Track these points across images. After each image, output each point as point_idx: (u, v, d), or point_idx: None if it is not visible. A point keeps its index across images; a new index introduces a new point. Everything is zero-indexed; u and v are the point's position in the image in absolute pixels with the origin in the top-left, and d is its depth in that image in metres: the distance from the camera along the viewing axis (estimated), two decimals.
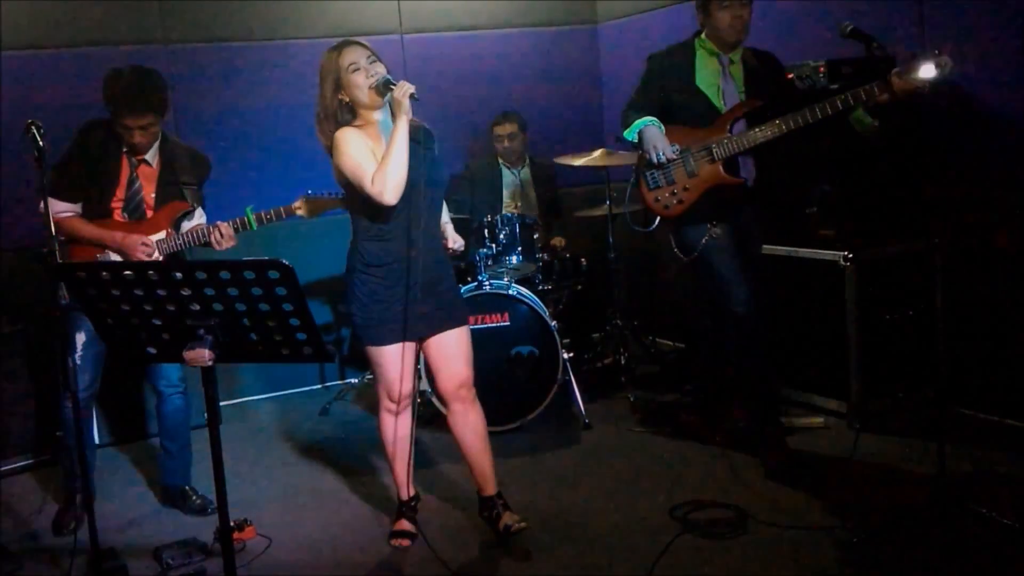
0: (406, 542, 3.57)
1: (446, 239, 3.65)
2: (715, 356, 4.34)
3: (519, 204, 5.58)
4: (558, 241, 5.52)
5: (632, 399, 5.00)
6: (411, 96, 3.16)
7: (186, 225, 3.95)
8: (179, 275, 2.32)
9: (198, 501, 4.07)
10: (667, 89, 3.99)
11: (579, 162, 5.23)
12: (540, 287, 5.06)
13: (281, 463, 4.66)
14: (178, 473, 4.13)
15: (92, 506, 3.34)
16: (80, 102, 5.22)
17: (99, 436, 4.98)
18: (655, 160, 3.88)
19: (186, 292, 2.34)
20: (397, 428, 3.55)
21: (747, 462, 4.04)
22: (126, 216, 3.87)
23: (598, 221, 5.52)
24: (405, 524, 3.62)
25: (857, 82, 3.68)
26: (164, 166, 3.92)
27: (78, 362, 3.86)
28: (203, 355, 2.35)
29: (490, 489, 3.54)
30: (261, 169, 5.70)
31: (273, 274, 2.27)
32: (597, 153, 5.25)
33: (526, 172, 5.70)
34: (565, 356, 4.73)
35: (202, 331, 2.37)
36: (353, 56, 3.32)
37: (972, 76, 4.05)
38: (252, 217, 3.89)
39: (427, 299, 3.37)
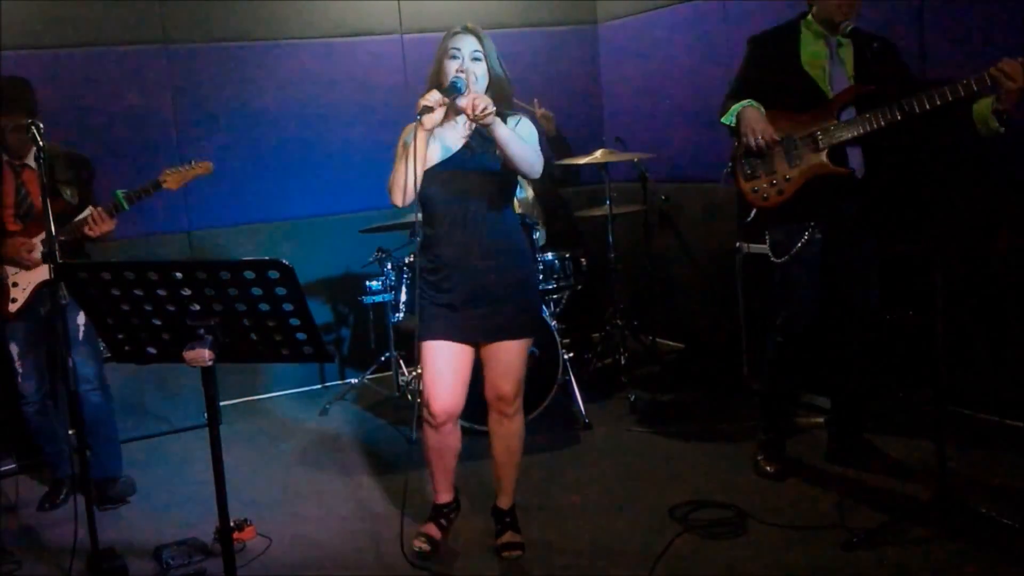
0: (426, 547, 3.42)
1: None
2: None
3: (517, 207, 5.58)
4: (545, 114, 5.54)
5: (632, 399, 5.00)
6: (423, 108, 3.05)
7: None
8: (179, 275, 2.32)
9: (120, 487, 4.18)
10: (769, 70, 3.74)
11: (580, 162, 5.23)
12: (540, 287, 5.06)
13: (281, 463, 4.66)
14: (104, 467, 4.18)
15: (91, 507, 3.34)
16: (80, 102, 5.25)
17: None
18: (752, 145, 3.64)
19: (186, 292, 2.34)
20: (440, 442, 3.40)
21: (747, 462, 4.03)
22: (19, 221, 3.99)
23: (598, 221, 5.52)
24: (431, 527, 3.50)
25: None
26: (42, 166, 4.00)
27: (19, 370, 4.09)
28: (203, 355, 2.35)
29: (503, 502, 3.51)
30: (260, 170, 5.70)
31: (273, 274, 2.27)
32: (598, 153, 5.26)
33: None
34: (565, 356, 4.73)
35: (202, 331, 2.37)
36: (459, 43, 3.20)
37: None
38: (122, 197, 3.94)
39: (476, 308, 3.25)
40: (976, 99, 3.37)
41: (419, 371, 3.44)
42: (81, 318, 4.02)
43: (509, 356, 3.34)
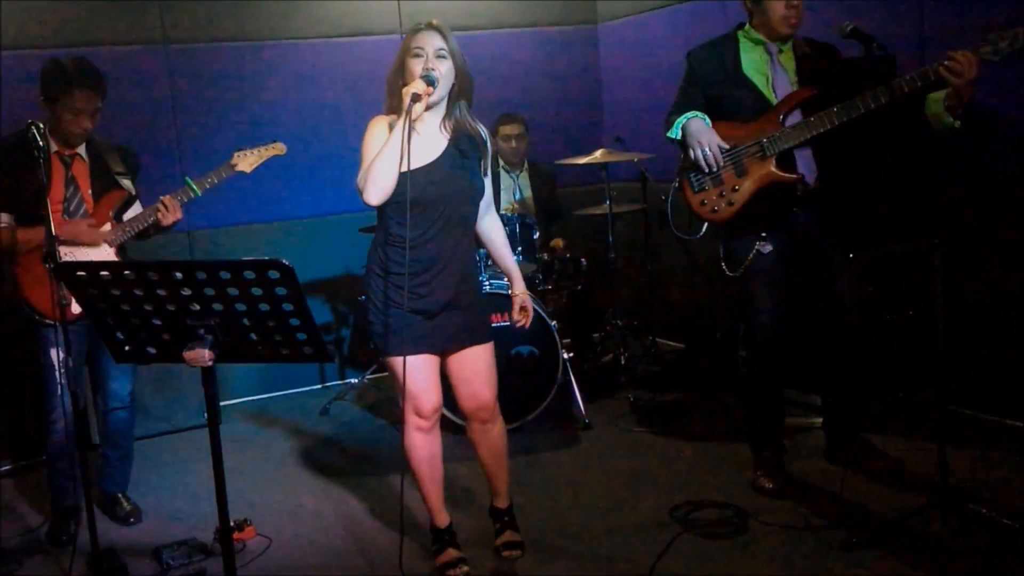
0: (466, 568, 3.33)
1: (513, 294, 3.40)
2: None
3: (516, 208, 5.57)
4: (557, 243, 5.51)
5: (632, 399, 5.00)
6: (412, 96, 2.99)
7: (128, 215, 3.89)
8: (179, 275, 2.32)
9: (128, 508, 4.06)
10: (709, 81, 3.70)
11: (580, 161, 5.23)
12: (540, 287, 5.06)
13: (281, 463, 4.66)
14: (114, 480, 4.09)
15: (92, 506, 3.34)
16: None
17: (97, 435, 4.98)
18: (700, 157, 3.58)
19: (186, 292, 2.34)
20: (431, 446, 3.29)
21: (747, 462, 4.03)
22: (68, 217, 3.76)
23: (598, 221, 5.52)
24: (454, 552, 3.37)
25: (858, 82, 3.62)
26: (93, 159, 3.86)
27: (61, 380, 3.69)
28: (203, 355, 2.35)
29: (500, 502, 3.49)
30: (260, 170, 5.66)
31: (273, 274, 2.27)
32: (597, 153, 5.26)
33: (524, 176, 5.69)
34: (565, 356, 4.73)
35: (202, 331, 2.37)
36: (421, 41, 3.10)
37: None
38: (194, 185, 3.85)
39: (447, 314, 3.20)
40: (929, 92, 3.34)
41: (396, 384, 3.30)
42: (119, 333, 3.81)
43: (486, 361, 3.31)
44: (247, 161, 3.93)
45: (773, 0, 3.58)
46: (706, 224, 3.79)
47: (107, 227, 3.83)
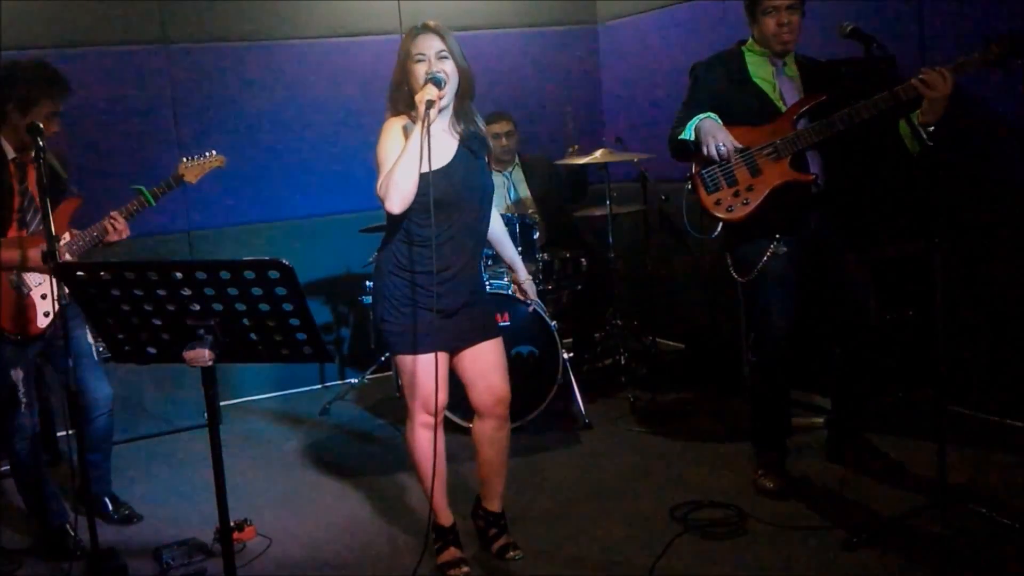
0: (467, 569, 3.32)
1: (518, 281, 3.63)
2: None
3: (512, 209, 5.55)
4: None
5: (632, 399, 5.00)
6: (427, 102, 2.95)
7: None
8: (179, 275, 2.32)
9: (123, 510, 4.05)
10: (719, 89, 3.73)
11: (580, 161, 5.23)
12: (540, 287, 5.06)
13: (281, 463, 4.66)
14: (104, 480, 4.05)
15: (91, 505, 3.34)
16: (79, 102, 5.23)
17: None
18: (714, 152, 3.59)
19: (186, 292, 2.34)
20: (437, 443, 3.26)
21: (747, 462, 4.03)
22: (26, 229, 3.59)
23: (598, 221, 5.52)
24: (456, 552, 3.37)
25: (856, 82, 3.63)
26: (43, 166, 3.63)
27: (22, 399, 3.61)
28: (203, 355, 2.35)
29: (496, 506, 3.48)
30: (260, 170, 5.70)
31: (273, 274, 2.27)
32: (597, 153, 5.25)
33: (517, 172, 5.67)
34: (565, 356, 4.73)
35: (202, 331, 2.37)
36: (422, 46, 3.09)
37: (972, 76, 4.04)
38: (148, 194, 3.82)
39: (462, 312, 3.22)
40: (911, 106, 3.39)
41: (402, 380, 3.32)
42: (91, 336, 3.75)
43: (500, 355, 3.34)
44: (192, 172, 3.94)
45: (765, 18, 3.64)
46: (720, 224, 3.78)
47: (67, 237, 3.72)
